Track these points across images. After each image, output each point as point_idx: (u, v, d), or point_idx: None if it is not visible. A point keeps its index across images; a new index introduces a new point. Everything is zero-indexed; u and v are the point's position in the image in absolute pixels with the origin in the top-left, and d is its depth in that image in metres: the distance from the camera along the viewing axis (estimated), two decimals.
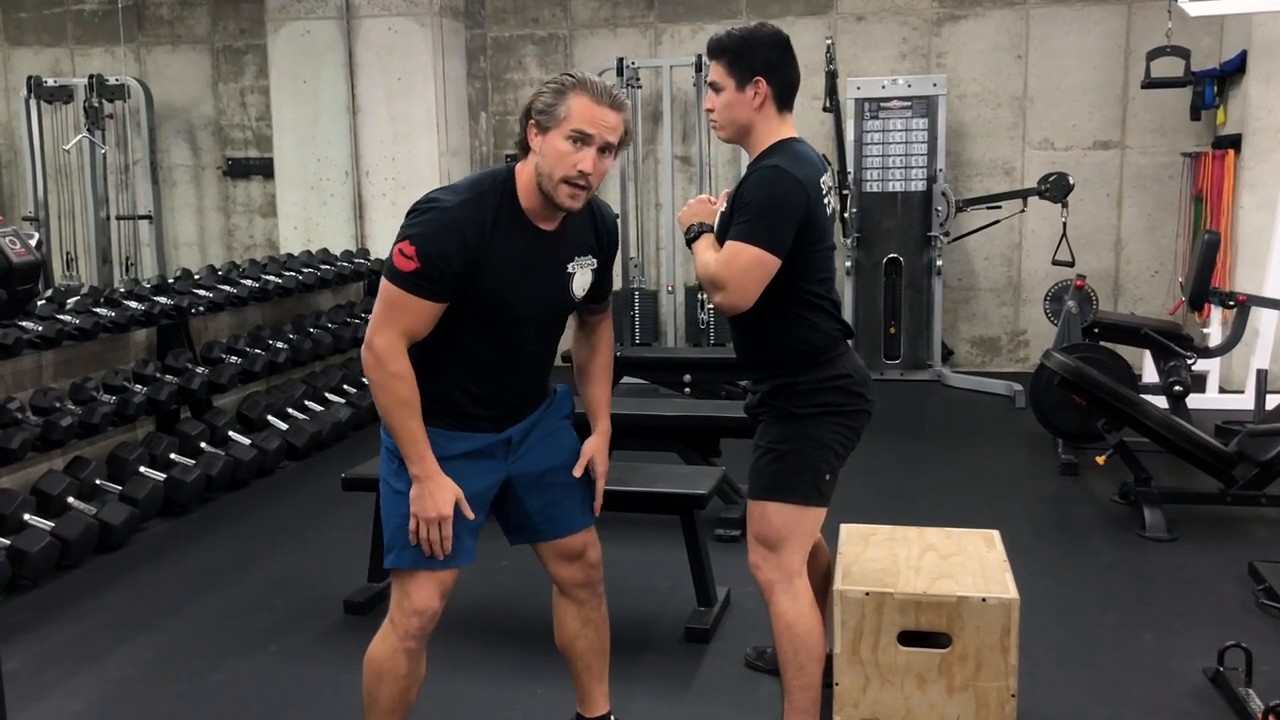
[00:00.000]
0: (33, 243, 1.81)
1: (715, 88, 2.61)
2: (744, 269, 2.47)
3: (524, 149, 2.34)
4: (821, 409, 2.59)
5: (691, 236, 2.66)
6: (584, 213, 2.41)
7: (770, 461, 2.63)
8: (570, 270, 2.43)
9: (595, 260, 2.48)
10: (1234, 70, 6.90)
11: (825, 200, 2.59)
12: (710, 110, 2.65)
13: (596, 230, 2.48)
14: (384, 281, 2.30)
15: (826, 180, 2.63)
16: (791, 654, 2.59)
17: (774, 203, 2.48)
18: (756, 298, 2.50)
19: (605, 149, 2.29)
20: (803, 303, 2.59)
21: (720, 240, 2.57)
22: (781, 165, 2.51)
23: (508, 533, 2.62)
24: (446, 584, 2.42)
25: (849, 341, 2.69)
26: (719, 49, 2.60)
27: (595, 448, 2.59)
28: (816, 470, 2.60)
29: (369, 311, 7.60)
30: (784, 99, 2.61)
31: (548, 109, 2.27)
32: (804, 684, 2.60)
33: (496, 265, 2.30)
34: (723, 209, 2.63)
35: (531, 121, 2.30)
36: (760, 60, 2.56)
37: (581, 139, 2.25)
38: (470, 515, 2.36)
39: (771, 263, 2.47)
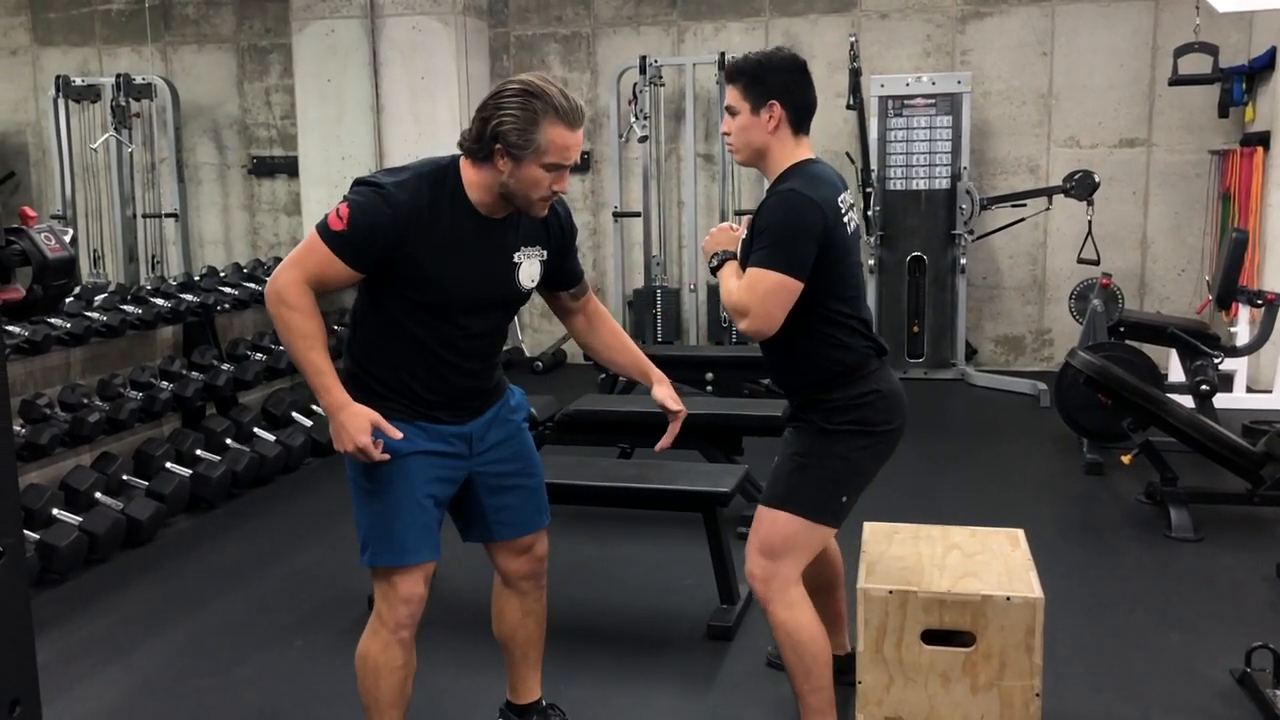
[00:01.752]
0: (67, 238, 1.83)
1: (731, 111, 2.63)
2: (766, 294, 2.49)
3: (475, 155, 2.33)
4: (851, 426, 2.59)
5: (715, 265, 2.68)
6: None
7: (791, 471, 2.63)
8: (516, 260, 2.45)
9: (545, 252, 2.50)
10: (1263, 67, 6.83)
11: (845, 219, 2.60)
12: (727, 133, 2.67)
13: (547, 221, 2.49)
14: (311, 233, 2.35)
15: (846, 198, 2.64)
16: (797, 660, 2.60)
17: (792, 226, 2.49)
18: (781, 322, 2.51)
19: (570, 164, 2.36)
20: (831, 322, 2.60)
21: (744, 267, 2.59)
22: (797, 188, 2.53)
23: (463, 530, 2.64)
24: (428, 571, 2.48)
25: (883, 358, 2.70)
26: (735, 73, 2.62)
27: (665, 395, 2.65)
28: (836, 489, 2.61)
29: None
30: (799, 122, 2.62)
31: (524, 143, 2.26)
32: (814, 686, 2.61)
33: (435, 249, 2.33)
34: (744, 236, 2.65)
35: (499, 146, 2.28)
36: (776, 84, 2.58)
37: (558, 167, 2.32)
38: (396, 434, 2.36)
39: (793, 286, 2.49)
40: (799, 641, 2.58)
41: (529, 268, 2.48)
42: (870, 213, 7.26)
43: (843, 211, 2.59)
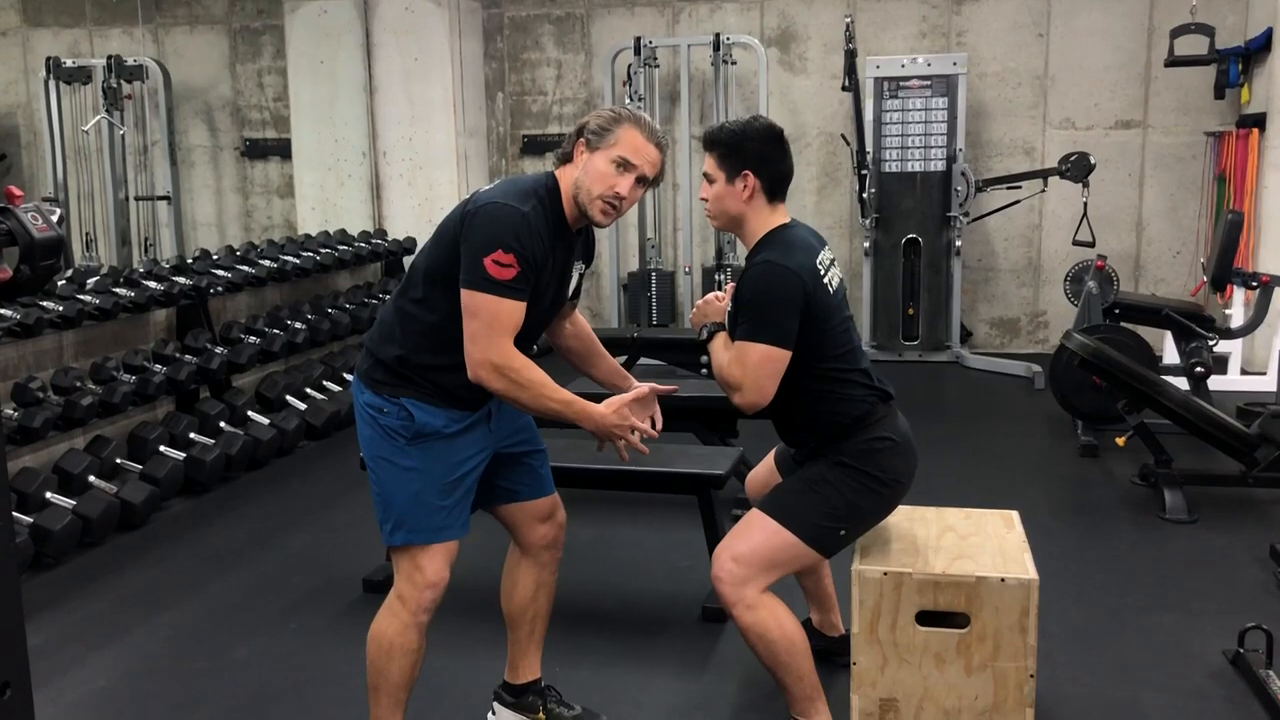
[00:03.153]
0: (54, 218, 1.81)
1: (708, 179, 2.68)
2: (754, 367, 2.55)
3: (565, 160, 2.49)
4: (867, 468, 2.62)
5: (705, 338, 2.74)
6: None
7: (799, 490, 2.65)
8: (571, 273, 2.57)
9: (584, 266, 2.64)
10: (1259, 48, 6.82)
11: (826, 279, 2.64)
12: (704, 199, 2.72)
13: (588, 242, 2.65)
14: (480, 296, 2.30)
15: (824, 258, 2.67)
16: (772, 658, 2.60)
17: (771, 298, 2.55)
18: (773, 392, 2.57)
19: (641, 180, 2.45)
20: (829, 379, 2.64)
21: (732, 336, 2.64)
22: (772, 259, 2.58)
23: (485, 498, 2.65)
24: (453, 553, 2.49)
25: (889, 403, 2.71)
26: (712, 142, 2.67)
27: (643, 390, 2.60)
28: (837, 522, 2.62)
29: (388, 292, 7.61)
30: (775, 191, 2.67)
31: (600, 131, 2.42)
32: (795, 677, 2.62)
33: (546, 269, 2.42)
34: (730, 307, 2.69)
35: (582, 139, 2.44)
36: (751, 155, 2.62)
37: (624, 166, 2.41)
38: (649, 386, 2.53)
39: (780, 356, 2.55)
40: (770, 640, 2.58)
41: (574, 281, 2.60)
42: (865, 195, 7.24)
43: (822, 274, 2.63)
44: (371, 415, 2.45)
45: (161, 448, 4.87)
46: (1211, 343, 5.49)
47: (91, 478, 4.47)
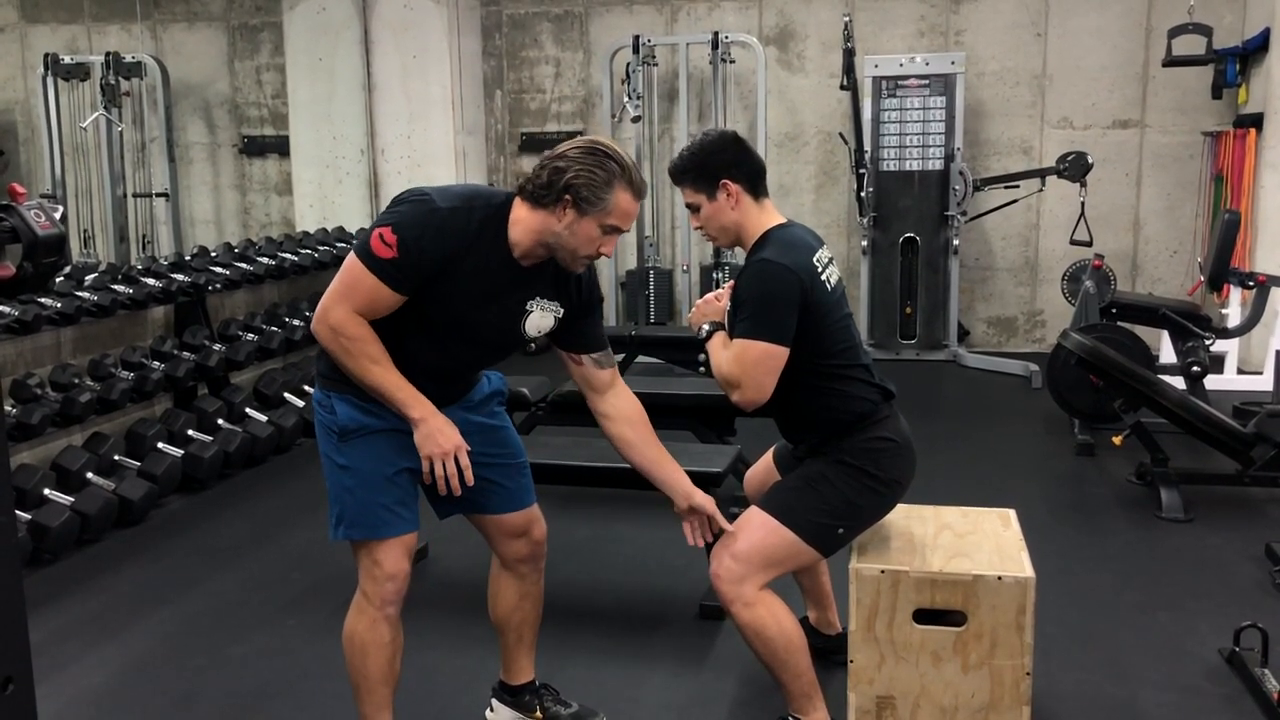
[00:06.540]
0: (57, 215, 1.81)
1: (693, 208, 2.70)
2: (754, 364, 2.56)
3: (537, 200, 2.32)
4: (867, 467, 2.63)
5: (704, 338, 2.75)
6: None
7: (799, 488, 2.66)
8: (528, 308, 2.43)
9: (561, 309, 2.48)
10: (1256, 48, 6.83)
11: (824, 276, 2.65)
12: (699, 228, 2.73)
13: (569, 279, 2.47)
14: (353, 259, 2.30)
15: (822, 256, 2.69)
16: (770, 655, 2.61)
17: (769, 296, 2.56)
18: (771, 390, 2.58)
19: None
20: (830, 376, 2.65)
21: (731, 335, 2.65)
22: (769, 257, 2.60)
23: (447, 506, 2.60)
24: (410, 545, 2.47)
25: (890, 402, 2.73)
26: (680, 173, 2.70)
27: (700, 502, 2.59)
28: (835, 520, 2.63)
29: None
30: (756, 188, 2.69)
31: (595, 199, 2.29)
32: (793, 675, 2.63)
33: (465, 282, 2.33)
34: (729, 306, 2.70)
35: (568, 197, 2.30)
36: (721, 164, 2.65)
37: (614, 231, 2.35)
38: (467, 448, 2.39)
39: (779, 353, 2.56)
40: (767, 638, 2.59)
41: (538, 319, 2.45)
42: (863, 194, 7.25)
43: (820, 271, 2.64)
44: (317, 410, 2.47)
45: (160, 444, 4.87)
46: (1208, 342, 5.50)
47: (90, 474, 4.47)
